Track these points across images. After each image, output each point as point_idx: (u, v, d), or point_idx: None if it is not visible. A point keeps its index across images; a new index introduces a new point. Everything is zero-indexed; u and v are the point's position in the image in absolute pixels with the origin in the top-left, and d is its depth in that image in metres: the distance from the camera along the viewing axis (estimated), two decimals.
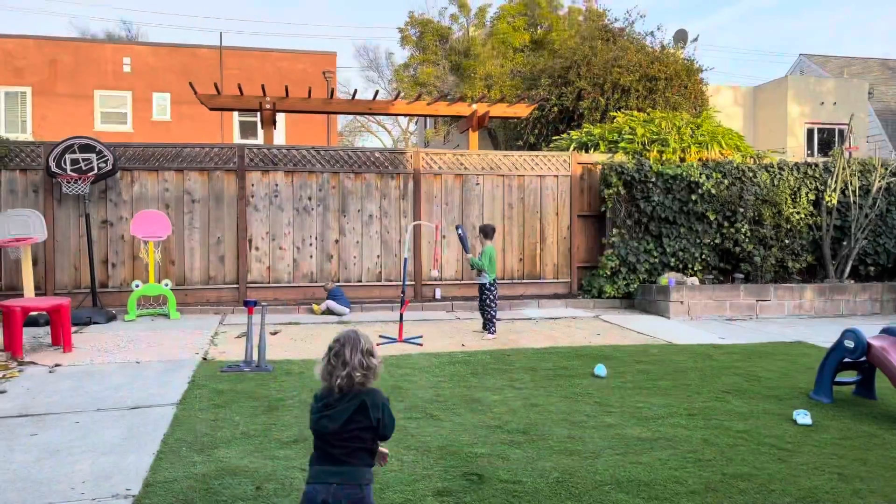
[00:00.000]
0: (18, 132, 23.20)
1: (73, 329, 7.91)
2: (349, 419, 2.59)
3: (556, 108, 16.22)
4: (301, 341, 7.63)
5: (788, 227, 11.16)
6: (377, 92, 13.37)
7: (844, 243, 11.30)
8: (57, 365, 6.23)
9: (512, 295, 10.85)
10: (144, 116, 24.80)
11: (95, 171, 9.18)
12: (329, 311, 9.57)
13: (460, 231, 8.30)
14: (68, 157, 9.11)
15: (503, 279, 10.85)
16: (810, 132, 24.16)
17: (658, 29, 29.36)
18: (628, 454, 4.11)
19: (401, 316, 7.86)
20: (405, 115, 20.22)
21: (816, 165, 11.60)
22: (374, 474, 2.75)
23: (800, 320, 10.05)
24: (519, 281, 11.09)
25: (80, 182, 9.09)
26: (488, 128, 19.16)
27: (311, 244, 10.38)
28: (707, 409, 5.11)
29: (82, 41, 26.98)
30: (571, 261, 11.28)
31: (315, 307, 9.68)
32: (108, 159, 9.24)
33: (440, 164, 10.87)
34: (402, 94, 14.91)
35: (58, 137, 10.77)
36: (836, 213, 11.32)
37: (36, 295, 8.89)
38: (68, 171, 9.08)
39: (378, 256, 10.62)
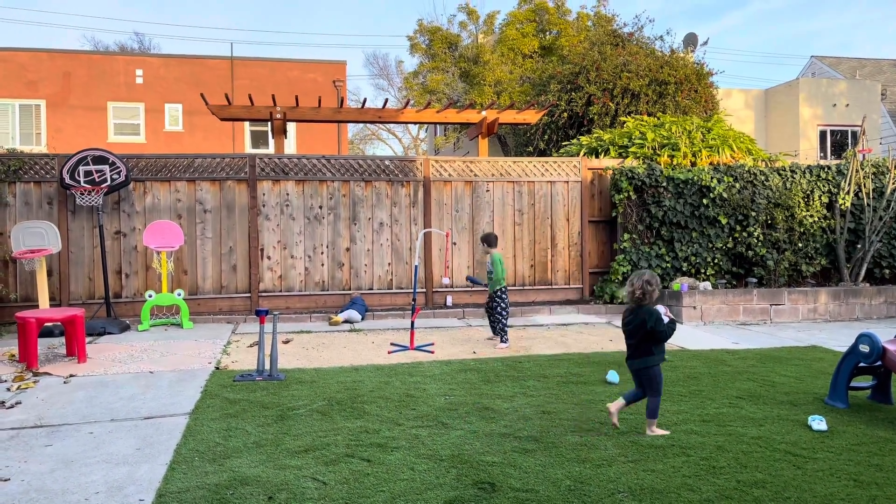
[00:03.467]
0: (33, 145, 23.48)
1: (88, 339, 7.99)
2: (638, 326, 4.45)
3: (565, 114, 16.20)
4: (313, 350, 7.65)
5: (802, 230, 11.07)
6: (387, 101, 13.40)
7: (859, 246, 11.19)
8: (71, 375, 6.28)
9: (523, 301, 10.84)
10: (157, 127, 25.03)
11: (109, 182, 9.28)
12: (346, 321, 9.60)
13: (470, 281, 8.75)
14: (82, 169, 9.22)
15: (514, 286, 10.84)
16: (823, 134, 24.01)
17: (667, 33, 29.29)
18: (641, 461, 4.09)
19: (412, 324, 7.86)
20: (415, 123, 20.31)
21: (829, 168, 11.50)
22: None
23: (814, 324, 9.97)
24: (530, 287, 11.07)
25: (93, 194, 9.19)
26: (498, 134, 19.19)
27: (322, 252, 10.42)
28: (720, 416, 5.07)
29: (95, 54, 27.30)
30: (583, 266, 11.25)
31: (333, 318, 9.54)
32: (121, 171, 9.34)
33: (450, 171, 10.88)
34: (411, 102, 14.95)
35: (72, 149, 10.90)
36: (850, 216, 11.23)
37: (51, 306, 8.99)
38: (82, 183, 9.18)
39: (389, 264, 10.64)
